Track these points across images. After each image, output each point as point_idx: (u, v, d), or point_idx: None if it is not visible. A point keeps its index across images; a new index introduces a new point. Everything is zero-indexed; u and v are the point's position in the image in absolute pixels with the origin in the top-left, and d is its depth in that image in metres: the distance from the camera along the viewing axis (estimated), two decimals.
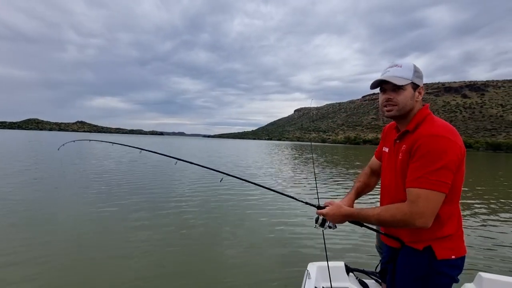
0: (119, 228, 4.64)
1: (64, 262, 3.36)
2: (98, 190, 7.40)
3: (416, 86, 1.24)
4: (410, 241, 1.25)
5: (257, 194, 7.52)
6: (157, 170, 11.82)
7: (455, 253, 1.19)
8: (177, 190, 7.91)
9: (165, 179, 9.79)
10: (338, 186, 9.77)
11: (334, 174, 13.33)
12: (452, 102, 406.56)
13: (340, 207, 1.31)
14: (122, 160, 15.37)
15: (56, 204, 5.95)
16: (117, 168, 12.13)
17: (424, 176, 1.11)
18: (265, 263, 3.57)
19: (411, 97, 1.23)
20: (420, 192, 1.11)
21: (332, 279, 1.69)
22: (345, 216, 1.29)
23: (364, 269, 2.01)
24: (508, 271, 3.51)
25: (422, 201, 1.10)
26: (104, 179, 9.11)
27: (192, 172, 11.14)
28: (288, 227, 4.99)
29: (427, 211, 1.10)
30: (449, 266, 1.18)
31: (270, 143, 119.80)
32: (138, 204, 6.19)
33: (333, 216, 1.30)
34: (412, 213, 1.11)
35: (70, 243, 3.94)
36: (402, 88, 1.22)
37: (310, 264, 2.01)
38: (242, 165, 16.22)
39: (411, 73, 1.22)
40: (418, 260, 1.22)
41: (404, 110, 1.25)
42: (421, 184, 1.11)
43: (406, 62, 1.25)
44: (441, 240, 1.19)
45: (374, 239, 2.24)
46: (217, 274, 3.26)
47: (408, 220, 1.12)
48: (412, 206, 1.12)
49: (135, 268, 3.29)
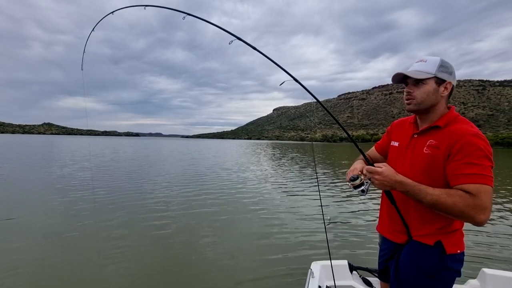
0: (93, 230, 4.48)
1: (33, 267, 3.25)
2: (71, 192, 6.95)
3: (441, 81, 1.22)
4: (420, 235, 1.23)
5: (255, 192, 7.49)
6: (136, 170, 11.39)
7: (460, 247, 1.21)
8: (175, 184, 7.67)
9: (147, 176, 9.43)
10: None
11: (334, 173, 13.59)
12: None
13: (394, 170, 1.20)
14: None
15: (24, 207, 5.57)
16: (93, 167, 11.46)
17: (481, 172, 1.10)
18: (268, 262, 3.57)
19: (433, 91, 1.22)
20: (480, 187, 1.09)
21: (335, 278, 1.70)
22: (399, 183, 1.15)
23: (367, 267, 2.01)
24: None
25: (484, 195, 1.08)
26: (76, 180, 8.64)
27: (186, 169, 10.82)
28: (291, 226, 4.99)
29: (489, 206, 1.08)
30: (456, 260, 1.20)
31: (251, 143, 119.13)
32: (114, 203, 5.97)
33: (385, 178, 1.16)
34: (476, 206, 1.07)
35: (41, 246, 3.78)
36: (422, 82, 1.22)
37: (314, 263, 2.00)
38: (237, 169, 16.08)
39: (435, 68, 1.21)
40: (428, 256, 1.20)
41: (424, 105, 1.24)
42: (480, 180, 1.10)
43: (433, 57, 1.24)
44: (449, 235, 1.20)
45: (377, 237, 2.28)
46: (221, 274, 3.25)
47: (470, 212, 1.07)
48: (475, 199, 1.08)
49: (111, 272, 3.19)
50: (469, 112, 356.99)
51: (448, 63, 1.23)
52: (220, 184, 9.24)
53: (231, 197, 7.25)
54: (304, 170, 14.79)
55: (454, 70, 1.25)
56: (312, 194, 8.31)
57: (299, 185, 9.88)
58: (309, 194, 8.31)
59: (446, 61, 1.23)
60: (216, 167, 14.60)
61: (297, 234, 4.62)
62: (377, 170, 1.19)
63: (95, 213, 5.53)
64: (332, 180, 11.40)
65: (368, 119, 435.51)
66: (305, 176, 12.47)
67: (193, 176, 10.93)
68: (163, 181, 9.55)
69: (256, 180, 10.61)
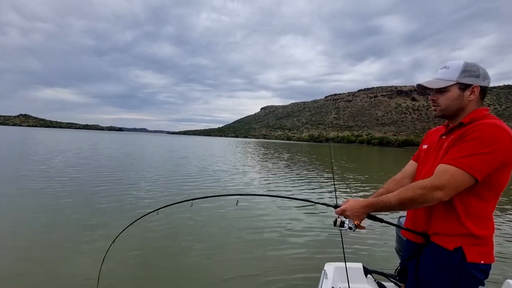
0: (71, 229, 4.27)
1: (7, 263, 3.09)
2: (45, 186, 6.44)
3: (465, 85, 1.20)
4: (439, 233, 1.21)
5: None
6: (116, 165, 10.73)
7: (485, 259, 1.16)
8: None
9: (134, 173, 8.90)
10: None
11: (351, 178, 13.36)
12: (403, 104, 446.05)
13: (357, 200, 1.28)
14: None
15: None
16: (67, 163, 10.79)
17: (462, 157, 1.09)
18: (281, 261, 3.56)
19: (457, 97, 1.22)
20: (448, 167, 1.10)
21: (349, 280, 1.66)
22: (365, 207, 1.23)
23: (383, 271, 1.97)
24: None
25: (446, 175, 1.09)
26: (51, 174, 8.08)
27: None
28: (305, 227, 4.95)
29: (448, 185, 1.08)
30: (478, 270, 1.15)
31: (239, 141, 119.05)
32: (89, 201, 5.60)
33: (351, 209, 1.24)
34: (433, 185, 1.09)
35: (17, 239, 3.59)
36: (445, 90, 1.23)
37: (327, 264, 1.98)
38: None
39: (457, 74, 1.20)
40: (447, 260, 1.17)
41: (449, 111, 1.25)
42: (453, 162, 1.10)
43: (455, 63, 1.23)
44: (473, 243, 1.16)
45: (393, 241, 2.17)
46: (238, 271, 3.25)
47: (427, 193, 1.09)
48: (434, 179, 1.11)
49: (91, 272, 2.96)
50: None
51: (474, 65, 1.21)
52: (225, 183, 8.79)
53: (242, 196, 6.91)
54: (319, 169, 14.62)
55: (483, 71, 1.21)
56: (327, 193, 8.30)
57: (314, 183, 9.92)
58: (324, 192, 8.30)
59: (472, 63, 1.21)
60: (220, 167, 13.96)
61: (311, 234, 4.60)
62: (342, 208, 1.27)
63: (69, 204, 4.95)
64: (348, 179, 11.60)
65: (354, 120, 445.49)
66: (320, 175, 12.48)
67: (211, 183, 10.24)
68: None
69: (271, 178, 10.79)
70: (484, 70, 1.21)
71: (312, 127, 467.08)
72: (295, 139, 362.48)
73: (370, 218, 1.31)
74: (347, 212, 1.25)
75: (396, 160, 31.88)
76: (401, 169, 1.55)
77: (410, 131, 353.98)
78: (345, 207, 1.26)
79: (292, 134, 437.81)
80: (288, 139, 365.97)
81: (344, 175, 13.19)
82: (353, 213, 1.24)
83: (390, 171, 17.27)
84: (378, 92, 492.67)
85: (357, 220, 1.24)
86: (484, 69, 1.21)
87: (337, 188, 9.44)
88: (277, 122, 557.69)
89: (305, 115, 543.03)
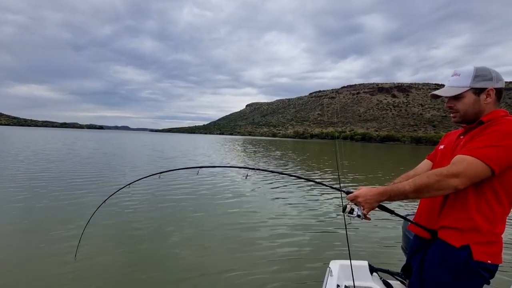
0: (46, 227, 4.13)
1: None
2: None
3: (480, 90, 1.21)
4: (446, 227, 1.21)
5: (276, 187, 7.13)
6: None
7: (492, 259, 1.15)
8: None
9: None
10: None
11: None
12: (384, 101, 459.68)
13: (370, 187, 1.25)
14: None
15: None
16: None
17: (480, 147, 1.08)
18: (285, 258, 3.57)
19: (474, 102, 1.22)
20: (466, 157, 1.09)
21: (355, 278, 1.65)
22: (378, 194, 1.20)
23: (388, 269, 1.96)
24: None
25: (464, 164, 1.08)
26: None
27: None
28: (310, 225, 4.96)
29: (465, 172, 1.07)
30: (484, 269, 1.15)
31: (226, 138, 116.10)
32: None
33: (365, 196, 1.21)
34: (449, 172, 1.08)
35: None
36: (460, 96, 1.24)
37: (332, 262, 1.96)
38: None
39: (469, 80, 1.21)
40: (453, 257, 1.17)
41: (468, 116, 1.25)
42: (471, 152, 1.09)
43: (465, 69, 1.24)
44: (480, 242, 1.15)
45: (400, 239, 2.19)
46: (242, 267, 3.26)
47: (443, 180, 1.09)
48: (451, 166, 1.10)
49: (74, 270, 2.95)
50: (426, 113, 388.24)
51: (485, 69, 1.21)
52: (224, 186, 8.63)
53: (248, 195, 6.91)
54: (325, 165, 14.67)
55: (495, 73, 1.21)
56: (332, 191, 8.19)
57: (319, 179, 9.89)
58: (329, 192, 8.14)
59: (482, 67, 1.22)
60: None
61: (316, 232, 4.61)
62: (355, 194, 1.25)
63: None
64: (355, 176, 11.56)
65: (337, 117, 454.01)
66: (326, 170, 12.47)
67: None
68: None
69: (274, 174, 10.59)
70: (497, 72, 1.21)
71: (297, 124, 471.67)
72: (280, 136, 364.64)
73: (381, 208, 1.29)
74: (359, 198, 1.22)
75: (395, 158, 31.11)
76: (398, 166, 1.62)
77: (391, 127, 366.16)
78: (358, 193, 1.24)
79: (277, 130, 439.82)
80: (273, 136, 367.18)
81: (343, 172, 12.91)
82: (366, 199, 1.21)
83: (393, 167, 16.44)
84: (361, 89, 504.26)
85: (368, 207, 1.22)
86: (496, 71, 1.21)
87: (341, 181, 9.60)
88: (263, 119, 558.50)
89: (290, 111, 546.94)
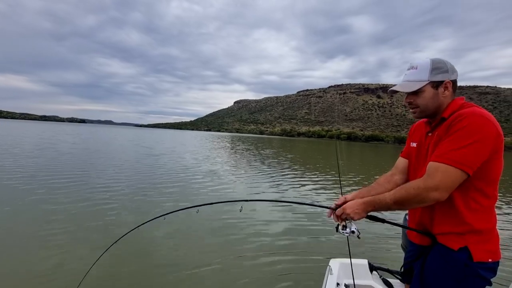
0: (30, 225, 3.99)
1: None
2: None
3: (438, 82, 1.20)
4: (444, 233, 1.19)
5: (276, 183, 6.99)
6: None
7: (492, 256, 1.14)
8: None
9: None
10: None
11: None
12: (370, 101, 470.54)
13: (354, 197, 1.26)
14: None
15: None
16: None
17: (450, 152, 1.07)
18: (285, 257, 3.58)
19: (433, 96, 1.21)
20: (439, 166, 1.08)
21: (354, 276, 1.66)
22: (364, 204, 1.20)
23: (388, 268, 1.96)
24: None
25: (439, 174, 1.07)
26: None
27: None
28: (309, 224, 4.96)
29: (442, 185, 1.06)
30: (485, 269, 1.13)
31: (214, 135, 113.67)
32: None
33: (352, 207, 1.21)
34: (427, 186, 1.08)
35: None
36: (420, 91, 1.22)
37: (332, 260, 1.95)
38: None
39: (427, 73, 1.19)
40: (453, 261, 1.15)
41: (429, 110, 1.25)
42: (443, 159, 1.08)
43: (422, 62, 1.22)
44: (479, 241, 1.14)
45: (399, 238, 2.23)
46: (242, 266, 3.26)
47: (422, 194, 1.08)
48: (427, 179, 1.09)
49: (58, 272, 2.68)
50: (409, 114, 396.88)
51: (440, 61, 1.20)
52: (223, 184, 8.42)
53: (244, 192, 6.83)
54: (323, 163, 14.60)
55: (450, 65, 1.20)
56: (333, 189, 8.24)
57: (319, 179, 9.91)
58: (329, 189, 8.16)
59: (438, 60, 1.21)
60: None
61: (315, 231, 4.63)
62: (342, 207, 1.24)
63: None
64: (354, 175, 11.70)
65: (324, 116, 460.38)
66: (326, 169, 12.51)
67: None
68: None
69: (275, 173, 10.74)
70: (450, 63, 1.21)
71: (284, 122, 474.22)
72: (267, 133, 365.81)
73: (372, 219, 1.28)
74: (347, 210, 1.22)
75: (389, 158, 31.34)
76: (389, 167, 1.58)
77: (375, 127, 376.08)
78: (345, 205, 1.24)
79: (265, 128, 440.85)
80: (261, 133, 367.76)
81: (333, 171, 12.73)
82: (353, 210, 1.21)
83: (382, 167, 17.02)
84: (347, 89, 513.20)
85: (357, 217, 1.22)
86: (449, 62, 1.21)
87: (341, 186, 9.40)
88: (250, 116, 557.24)
89: (278, 109, 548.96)
